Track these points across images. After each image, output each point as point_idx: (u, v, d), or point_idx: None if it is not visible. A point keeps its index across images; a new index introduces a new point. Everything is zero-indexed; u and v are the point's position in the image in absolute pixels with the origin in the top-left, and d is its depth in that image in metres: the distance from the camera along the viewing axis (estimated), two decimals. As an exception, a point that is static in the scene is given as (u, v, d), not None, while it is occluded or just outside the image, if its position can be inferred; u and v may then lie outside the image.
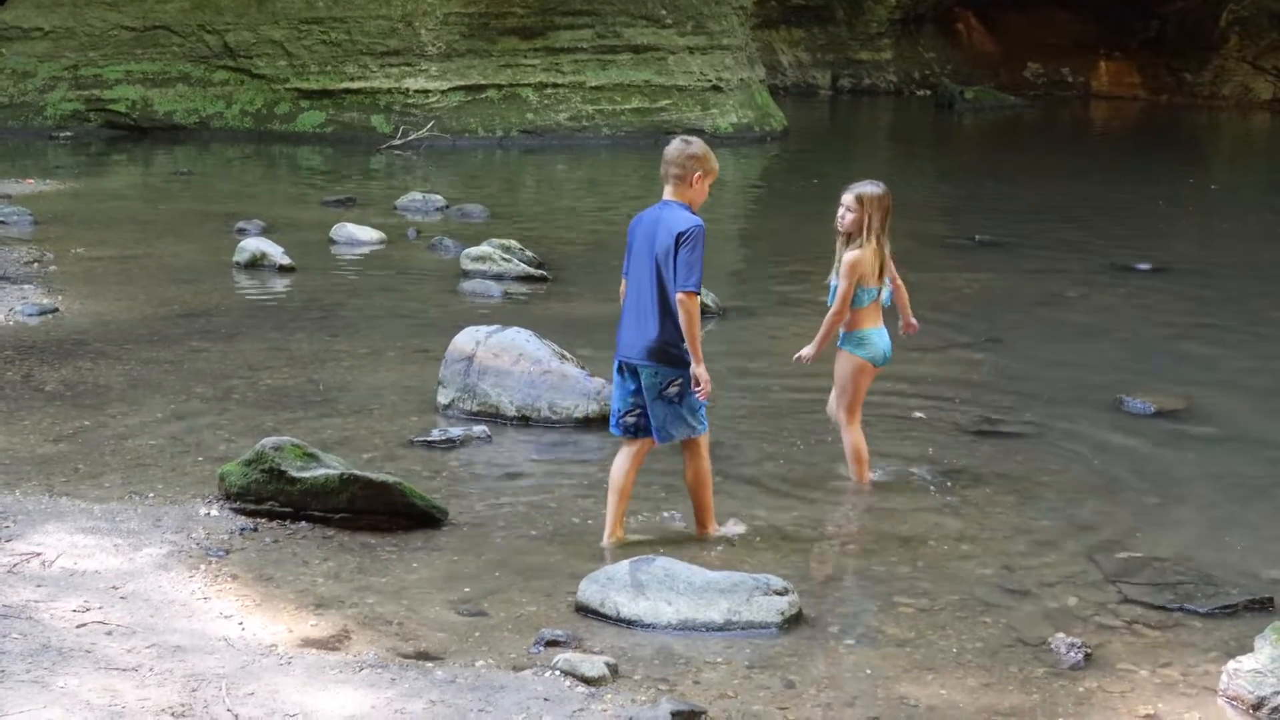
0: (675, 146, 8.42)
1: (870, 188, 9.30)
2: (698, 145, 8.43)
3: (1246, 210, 25.17)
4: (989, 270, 17.46)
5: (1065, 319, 15.11)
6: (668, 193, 8.35)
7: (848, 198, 9.25)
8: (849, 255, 9.23)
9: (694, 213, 8.27)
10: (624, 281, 8.53)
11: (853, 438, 9.57)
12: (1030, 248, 19.31)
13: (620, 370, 8.49)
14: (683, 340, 8.16)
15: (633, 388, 8.41)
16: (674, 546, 8.34)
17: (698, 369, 8.16)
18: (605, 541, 8.47)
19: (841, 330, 9.42)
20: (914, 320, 9.84)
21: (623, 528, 8.55)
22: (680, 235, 8.08)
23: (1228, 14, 47.55)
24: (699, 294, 8.17)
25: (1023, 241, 19.71)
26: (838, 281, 9.29)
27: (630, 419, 8.46)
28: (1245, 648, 6.98)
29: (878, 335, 9.42)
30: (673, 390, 8.28)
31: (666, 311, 8.19)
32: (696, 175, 8.33)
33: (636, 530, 8.67)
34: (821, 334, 9.34)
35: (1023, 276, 17.23)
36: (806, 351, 9.34)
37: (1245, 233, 22.37)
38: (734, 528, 8.75)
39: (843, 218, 9.28)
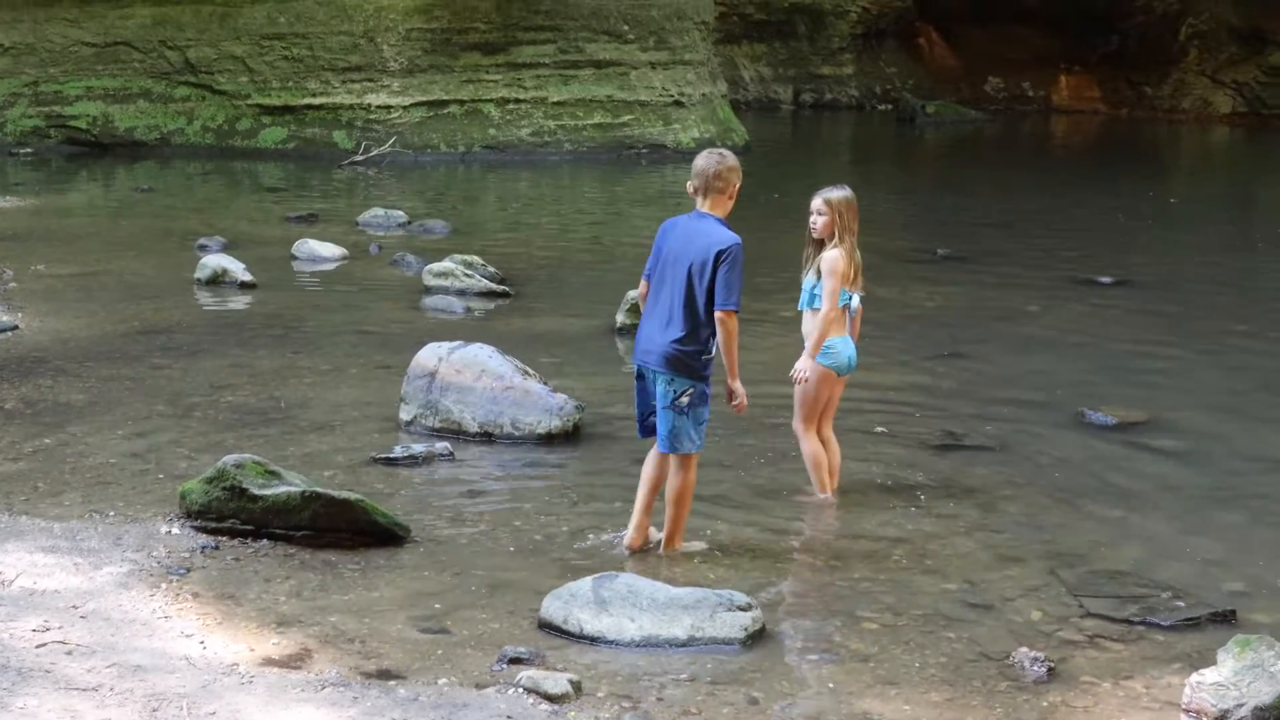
0: (713, 159, 8.47)
1: (837, 191, 9.35)
2: (733, 158, 8.50)
3: (1206, 223, 25.29)
4: (950, 284, 17.50)
5: (1027, 332, 15.15)
6: (705, 205, 8.39)
7: (817, 203, 9.27)
8: (830, 253, 9.23)
9: (728, 226, 8.32)
10: (643, 283, 8.54)
11: (811, 446, 9.56)
12: (992, 261, 19.37)
13: (640, 375, 8.52)
14: (704, 353, 8.28)
15: (651, 391, 8.47)
16: (636, 560, 8.34)
17: (734, 383, 8.37)
18: (626, 541, 8.62)
19: (806, 337, 9.41)
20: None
21: (644, 533, 8.67)
22: (720, 254, 8.14)
23: (1187, 28, 47.79)
24: (738, 312, 8.23)
25: (984, 255, 19.76)
26: (817, 283, 9.26)
27: (653, 421, 8.54)
28: (1208, 661, 6.99)
29: (842, 343, 9.42)
30: (684, 401, 8.34)
31: (694, 322, 8.24)
32: (735, 187, 8.44)
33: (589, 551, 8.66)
34: (815, 340, 9.26)
35: (984, 290, 17.27)
36: (803, 364, 9.27)
37: (1205, 245, 22.47)
38: (695, 544, 8.75)
39: (814, 224, 9.29)
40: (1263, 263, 20.69)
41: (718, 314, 8.16)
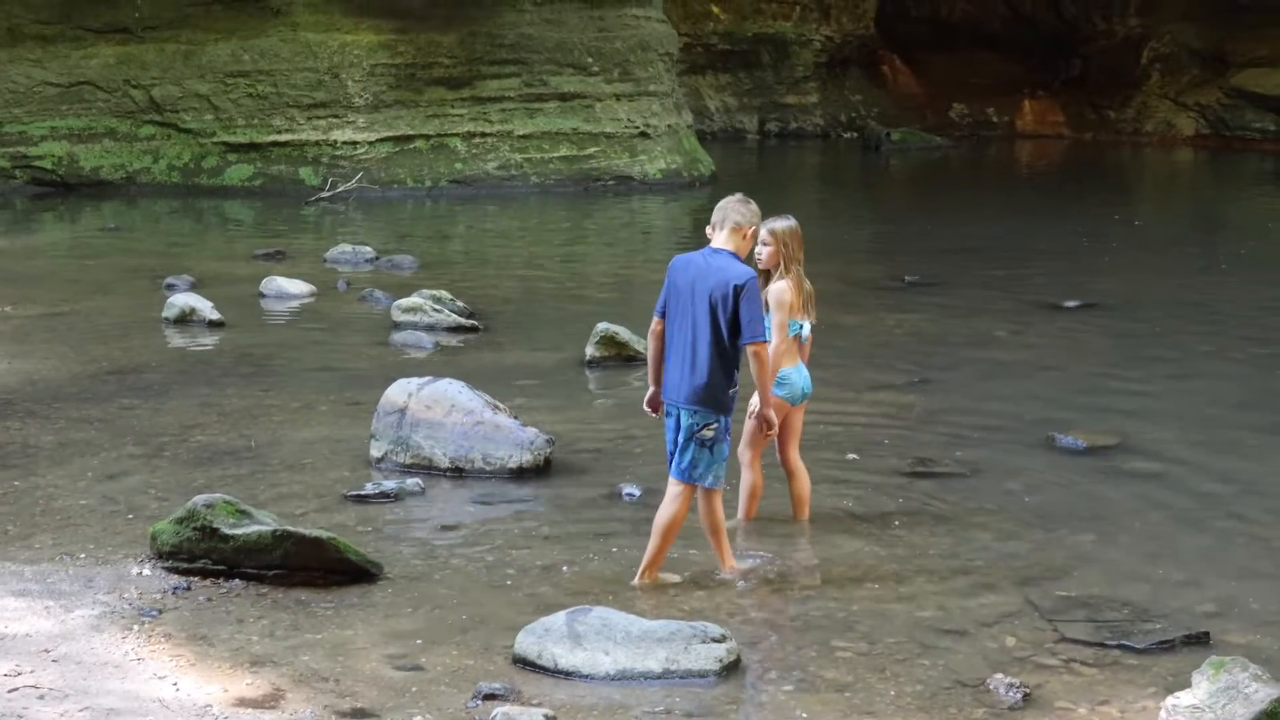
0: (737, 199, 8.64)
1: (781, 222, 9.36)
2: (755, 206, 8.66)
3: (1170, 245, 25.41)
4: (919, 311, 17.53)
5: (996, 358, 15.18)
6: (720, 240, 8.52)
7: (762, 234, 9.23)
8: (777, 285, 9.24)
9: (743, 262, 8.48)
10: (656, 320, 8.64)
11: (752, 476, 9.56)
12: (959, 287, 19.41)
13: (670, 413, 8.59)
14: (730, 385, 8.39)
15: (678, 424, 8.54)
16: (610, 593, 8.33)
17: (767, 410, 8.55)
18: (638, 581, 8.62)
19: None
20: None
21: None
22: (739, 288, 8.25)
23: (1148, 51, 48.03)
24: (768, 343, 8.44)
25: (952, 281, 19.81)
26: (767, 314, 9.25)
27: None
28: (1183, 683, 6.99)
29: (795, 373, 9.42)
30: (708, 434, 8.42)
31: (720, 356, 8.35)
32: (752, 230, 8.60)
33: (574, 585, 8.65)
34: (766, 379, 9.16)
35: (952, 316, 17.30)
36: (756, 406, 8.92)
37: (1170, 267, 22.55)
38: (671, 576, 8.75)
39: (760, 255, 9.28)
40: (1227, 283, 20.77)
41: (750, 347, 8.30)
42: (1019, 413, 12.81)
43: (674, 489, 8.59)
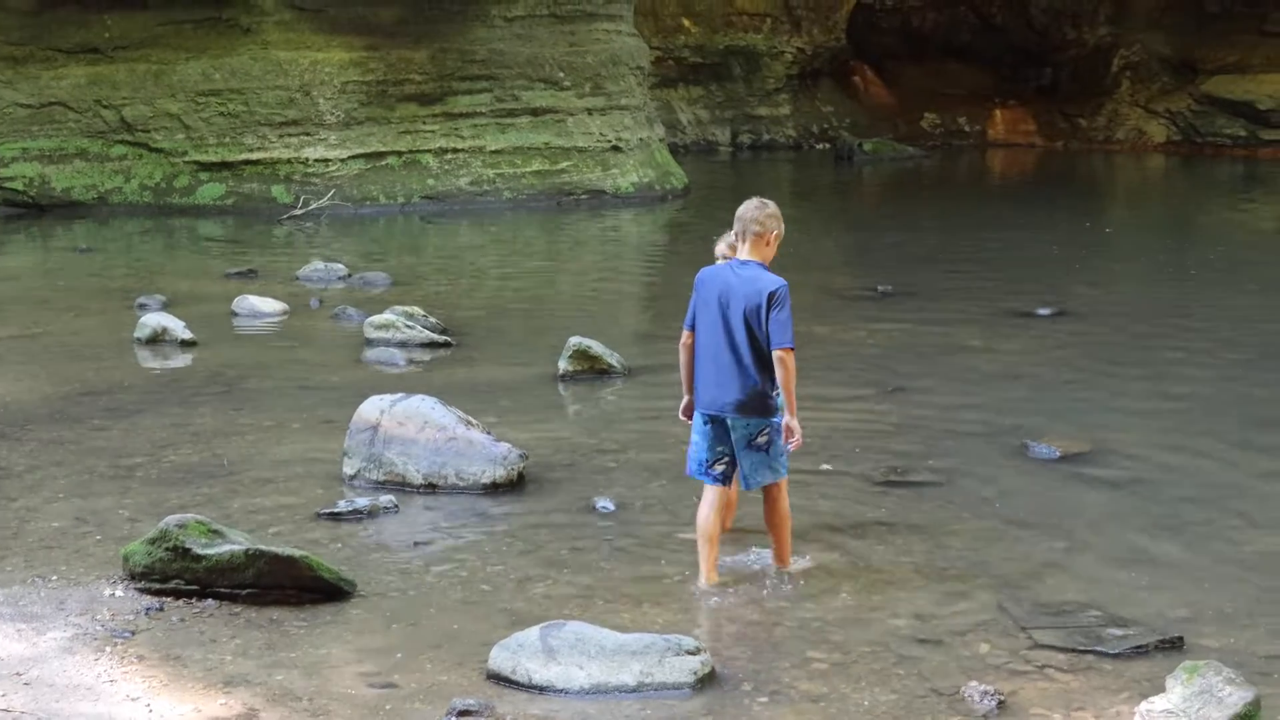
0: (754, 206, 8.74)
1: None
2: (774, 206, 8.78)
3: (1141, 252, 25.47)
4: (892, 320, 17.55)
5: (969, 366, 15.21)
6: (744, 251, 8.68)
7: (721, 248, 9.27)
8: None
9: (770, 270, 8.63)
10: (686, 333, 8.82)
11: (731, 486, 9.55)
12: (932, 296, 19.44)
13: (707, 421, 8.73)
14: (775, 389, 8.56)
15: (719, 438, 8.71)
16: (583, 608, 8.31)
17: (792, 420, 8.54)
18: (703, 583, 8.75)
19: None
20: None
21: (716, 571, 8.84)
22: (771, 295, 8.46)
23: (1119, 60, 48.19)
24: (793, 349, 8.53)
25: (925, 290, 19.83)
26: None
27: (719, 468, 8.80)
28: (1157, 688, 7.02)
29: None
30: (762, 440, 8.65)
31: (760, 365, 8.55)
32: (774, 234, 8.71)
33: (568, 601, 8.64)
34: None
35: (926, 325, 17.33)
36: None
37: (1141, 274, 22.64)
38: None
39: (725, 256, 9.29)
40: (1197, 289, 20.85)
41: (778, 352, 8.45)
42: (992, 421, 12.84)
43: (710, 494, 8.80)
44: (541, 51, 31.24)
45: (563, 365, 14.22)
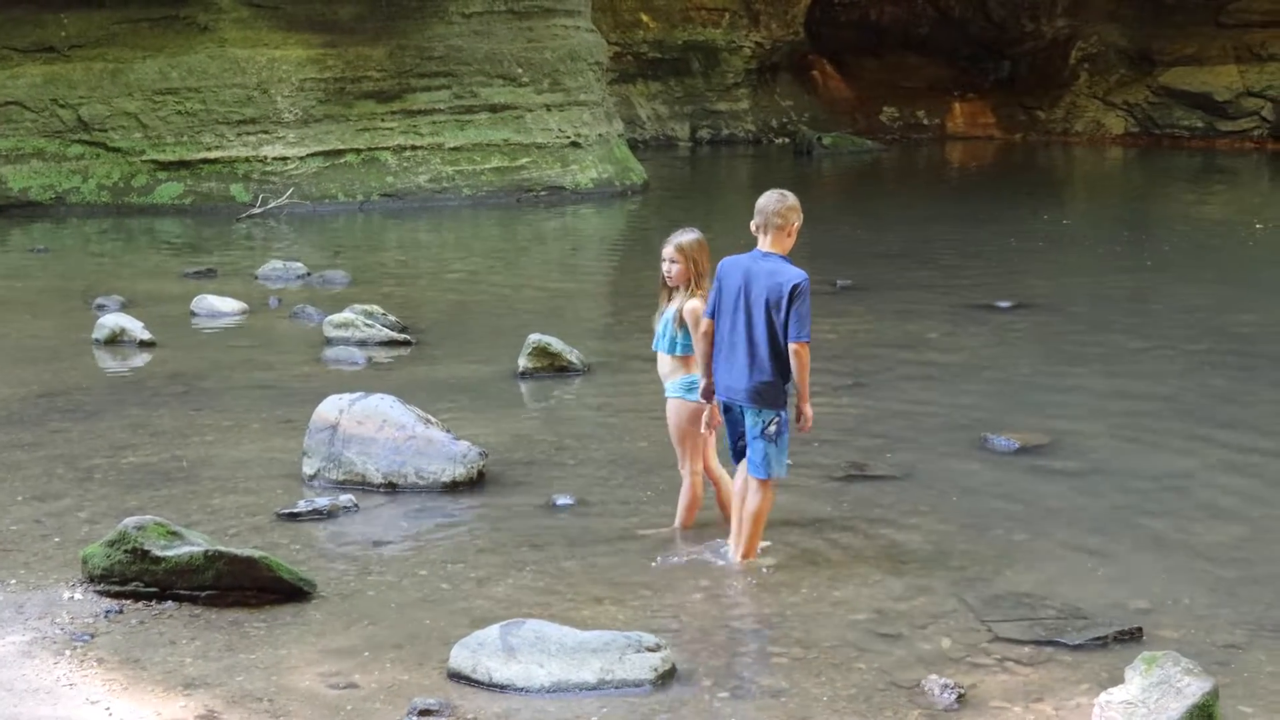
0: (774, 198, 8.93)
1: (687, 236, 9.36)
2: (794, 198, 8.97)
3: (1098, 244, 25.60)
4: (851, 315, 17.58)
5: (928, 360, 15.25)
6: (766, 243, 8.84)
7: (668, 250, 9.30)
8: (693, 303, 9.22)
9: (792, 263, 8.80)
10: (706, 321, 8.99)
11: (695, 482, 9.58)
12: (892, 290, 19.49)
13: (726, 409, 9.04)
14: (785, 381, 8.82)
15: (737, 422, 9.04)
16: (543, 605, 8.32)
17: (805, 407, 8.85)
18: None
19: (668, 377, 9.42)
20: None
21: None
22: (794, 288, 8.64)
23: (1076, 52, 48.40)
24: (810, 343, 8.75)
25: (884, 285, 19.89)
26: (680, 330, 9.28)
27: (744, 445, 9.05)
28: (1116, 679, 7.05)
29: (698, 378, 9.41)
30: (772, 429, 8.87)
31: (775, 357, 8.76)
32: (795, 226, 8.90)
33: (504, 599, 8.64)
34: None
35: (885, 320, 17.38)
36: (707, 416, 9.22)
37: (1098, 266, 22.75)
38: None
39: (669, 272, 9.32)
40: (1151, 281, 20.98)
41: (792, 345, 8.67)
42: (952, 414, 12.88)
43: (753, 484, 9.01)
44: (499, 48, 31.25)
45: (522, 362, 14.22)
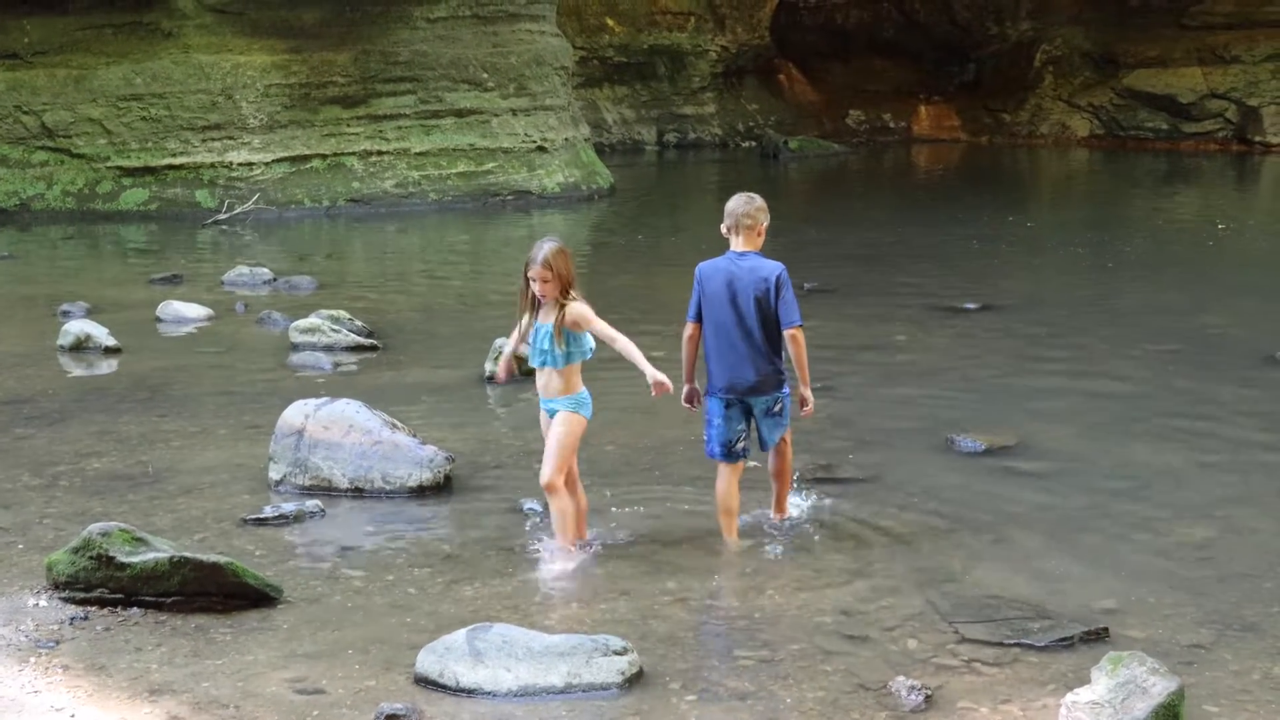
0: (742, 200, 9.48)
1: (548, 246, 9.09)
2: (761, 199, 9.54)
3: (1062, 246, 25.66)
4: (818, 317, 17.53)
5: (895, 362, 15.28)
6: (739, 244, 9.38)
7: (535, 270, 9.02)
8: (578, 307, 9.08)
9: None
10: (690, 325, 9.42)
11: (575, 499, 9.43)
12: (858, 293, 19.53)
13: (728, 405, 9.41)
14: (782, 366, 9.42)
15: (740, 417, 9.45)
16: (510, 609, 8.31)
17: (806, 391, 9.46)
18: (731, 543, 9.49)
19: (559, 394, 9.25)
20: None
21: (736, 533, 9.60)
22: (779, 279, 9.23)
23: (1041, 55, 48.56)
24: (803, 326, 9.30)
25: (851, 287, 19.92)
26: (554, 344, 9.13)
27: (740, 445, 9.53)
28: (1083, 679, 7.07)
29: (588, 393, 9.36)
30: (779, 407, 9.50)
31: (771, 345, 9.32)
32: (764, 225, 9.45)
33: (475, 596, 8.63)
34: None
35: (851, 322, 17.41)
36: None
37: (1062, 268, 22.82)
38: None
39: (541, 292, 9.09)
40: (1116, 282, 21.04)
41: (789, 331, 9.25)
42: (918, 416, 12.91)
43: (727, 470, 9.52)
44: (465, 53, 31.24)
45: (489, 367, 14.19)
